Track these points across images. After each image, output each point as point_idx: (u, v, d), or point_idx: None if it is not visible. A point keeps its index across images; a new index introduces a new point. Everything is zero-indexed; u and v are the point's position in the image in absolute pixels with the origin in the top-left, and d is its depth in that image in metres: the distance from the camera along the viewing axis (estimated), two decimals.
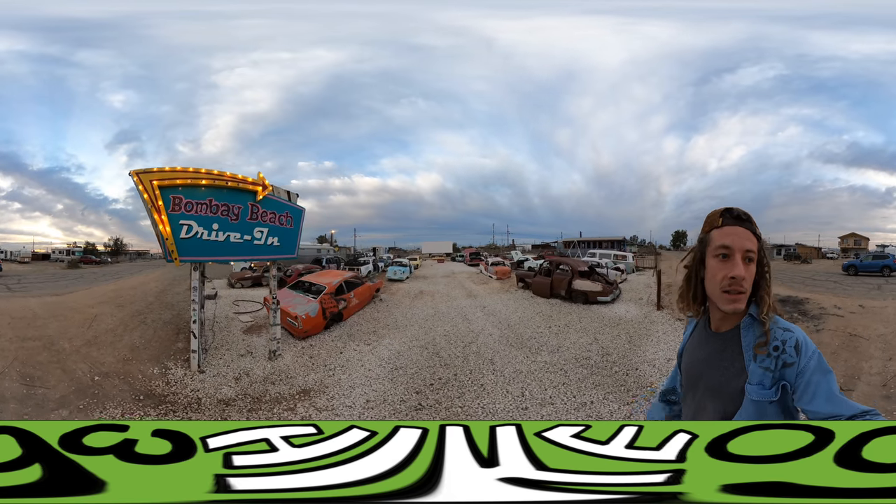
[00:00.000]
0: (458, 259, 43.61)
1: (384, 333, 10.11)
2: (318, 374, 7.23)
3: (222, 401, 5.60)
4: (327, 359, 8.13)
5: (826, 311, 9.05)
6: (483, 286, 18.90)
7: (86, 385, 5.36)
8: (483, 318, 11.87)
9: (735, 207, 1.24)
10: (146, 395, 5.42)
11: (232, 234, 6.41)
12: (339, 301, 10.82)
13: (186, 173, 5.86)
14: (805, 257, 35.34)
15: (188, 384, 6.02)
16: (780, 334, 1.13)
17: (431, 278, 23.03)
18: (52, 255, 36.79)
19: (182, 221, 5.86)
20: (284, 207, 7.53)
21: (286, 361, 7.78)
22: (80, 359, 6.05)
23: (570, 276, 13.98)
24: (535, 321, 11.35)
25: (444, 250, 53.42)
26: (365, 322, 11.29)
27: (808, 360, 1.09)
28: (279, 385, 6.49)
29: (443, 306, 13.72)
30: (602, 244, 44.40)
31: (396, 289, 18.31)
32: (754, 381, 1.13)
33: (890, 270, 18.24)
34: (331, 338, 9.62)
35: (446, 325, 10.97)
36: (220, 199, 6.25)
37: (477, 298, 15.40)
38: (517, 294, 15.94)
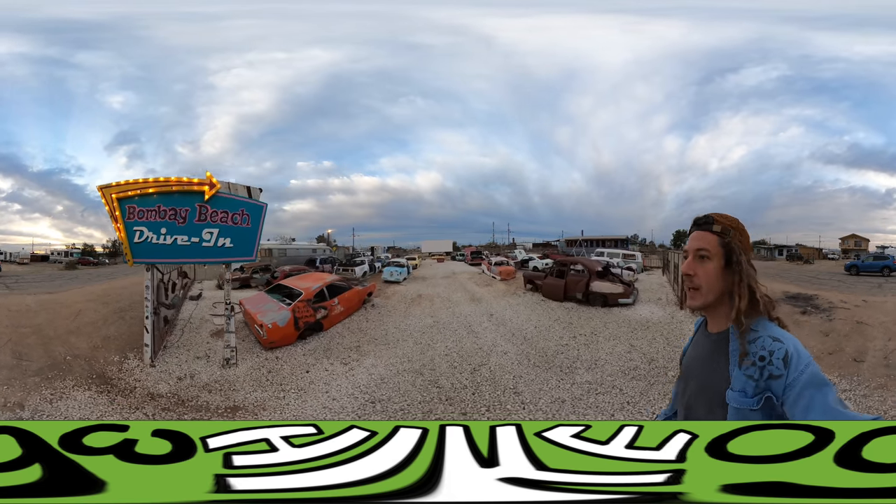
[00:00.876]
0: (458, 258, 42.11)
1: (368, 350, 8.56)
2: (265, 393, 6.24)
3: (151, 395, 5.93)
4: (288, 376, 7.00)
5: (835, 305, 10.11)
6: (487, 288, 17.45)
7: (59, 362, 6.54)
8: (492, 328, 10.34)
9: (702, 215, 1.32)
10: (99, 377, 6.26)
11: (179, 237, 6.61)
12: (318, 309, 9.63)
13: (138, 184, 6.42)
14: (807, 258, 35.34)
15: (134, 374, 6.56)
16: (768, 343, 1.10)
17: (431, 279, 21.47)
18: (51, 256, 36.82)
19: (135, 227, 6.48)
20: (239, 205, 6.98)
21: (239, 371, 7.10)
22: (59, 343, 7.32)
23: (587, 278, 13.05)
24: (555, 330, 9.94)
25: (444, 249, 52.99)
26: (349, 333, 9.85)
27: (799, 373, 1.04)
28: (214, 395, 6.16)
29: (443, 314, 12.20)
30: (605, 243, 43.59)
31: (392, 292, 16.72)
32: (736, 388, 1.11)
33: (889, 270, 19.36)
34: (302, 351, 8.36)
35: (448, 339, 9.29)
36: (168, 204, 6.51)
37: (482, 303, 13.83)
38: (526, 298, 14.56)
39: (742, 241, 1.25)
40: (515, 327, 10.46)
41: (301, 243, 39.17)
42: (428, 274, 24.84)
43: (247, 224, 7.08)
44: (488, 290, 17.10)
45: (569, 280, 13.43)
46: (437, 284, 19.33)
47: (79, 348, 7.12)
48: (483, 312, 12.35)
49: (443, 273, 25.36)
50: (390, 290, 17.08)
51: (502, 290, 16.58)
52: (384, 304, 13.95)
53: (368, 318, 11.64)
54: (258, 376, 6.96)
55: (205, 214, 6.65)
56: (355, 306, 12.00)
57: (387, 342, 9.21)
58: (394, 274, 20.15)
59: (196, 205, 6.62)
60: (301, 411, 5.73)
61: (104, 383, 6.03)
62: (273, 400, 6.09)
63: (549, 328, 10.27)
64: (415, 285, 18.84)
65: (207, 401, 5.90)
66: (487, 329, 10.34)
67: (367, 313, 12.18)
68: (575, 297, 13.12)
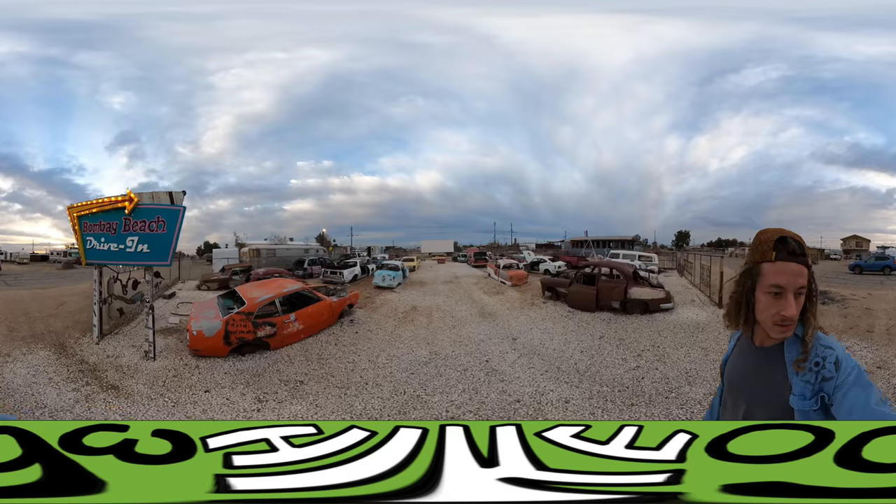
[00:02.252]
0: (460, 259, 38.56)
1: (310, 391, 6.44)
2: (151, 390, 6.32)
3: (82, 360, 7.57)
4: (186, 387, 6.58)
5: (846, 298, 12.43)
6: (498, 298, 14.99)
7: (37, 334, 8.81)
8: (523, 363, 7.58)
9: (788, 236, 1.23)
10: (59, 345, 8.19)
11: (112, 244, 8.01)
12: (262, 325, 8.31)
13: (89, 204, 8.19)
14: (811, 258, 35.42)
15: (82, 347, 8.26)
16: (821, 351, 1.19)
17: (430, 285, 18.89)
18: (51, 256, 36.91)
19: (86, 237, 8.18)
20: (156, 213, 7.83)
21: (152, 365, 7.39)
22: (41, 323, 9.70)
23: (624, 284, 11.82)
24: (609, 351, 8.15)
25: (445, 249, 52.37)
26: (300, 360, 7.82)
27: (847, 375, 1.14)
28: (119, 375, 6.96)
29: (445, 339, 9.33)
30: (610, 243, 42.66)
31: (382, 301, 14.22)
32: (797, 393, 1.20)
33: (890, 270, 21.61)
34: (227, 368, 7.40)
35: (454, 388, 6.49)
36: (105, 219, 8.05)
37: (496, 320, 11.17)
38: (548, 309, 12.43)
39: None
40: (556, 355, 7.97)
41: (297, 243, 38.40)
42: (427, 278, 22.27)
43: (163, 230, 7.84)
44: (500, 299, 14.68)
45: (601, 287, 12.00)
46: (437, 292, 16.78)
47: (54, 327, 9.31)
48: (501, 334, 9.68)
49: (444, 276, 22.86)
50: (380, 300, 14.63)
51: (517, 300, 14.29)
52: (366, 319, 11.20)
53: (339, 340, 9.28)
54: (163, 376, 7.04)
55: (128, 225, 7.90)
56: (324, 322, 9.96)
57: (347, 384, 6.69)
58: (386, 279, 17.58)
59: (122, 218, 7.90)
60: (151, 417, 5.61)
61: (60, 349, 8.04)
62: (147, 399, 6.12)
63: (601, 350, 8.32)
64: (410, 293, 16.42)
65: (112, 377, 6.89)
66: (516, 364, 7.48)
67: (340, 333, 9.79)
68: (609, 306, 11.66)
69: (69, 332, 8.92)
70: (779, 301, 1.21)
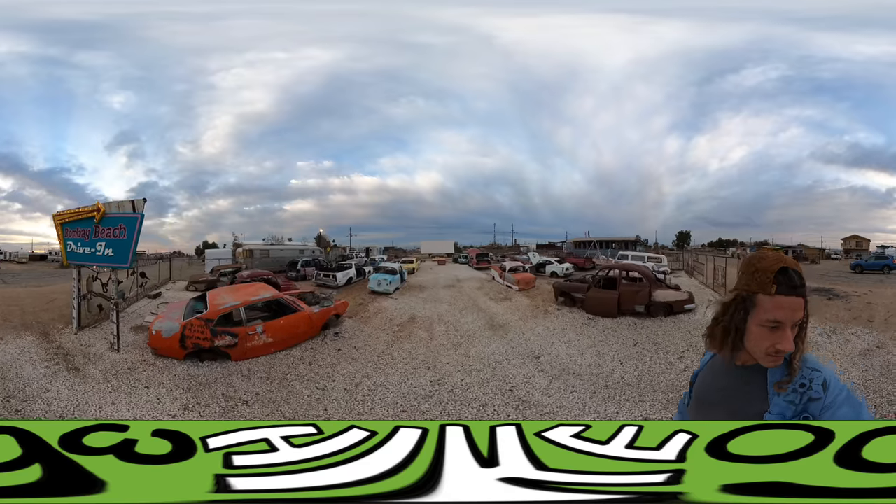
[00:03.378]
0: (461, 260, 36.66)
1: (247, 417, 6.01)
2: (100, 373, 6.99)
3: (60, 346, 8.46)
4: (125, 381, 6.78)
5: (849, 294, 13.65)
6: (506, 305, 13.71)
7: (27, 324, 9.80)
8: (561, 390, 6.38)
9: (788, 265, 1.15)
10: (44, 333, 9.18)
11: (85, 248, 9.10)
12: (222, 334, 7.82)
13: (70, 213, 9.30)
14: (812, 258, 35.51)
15: (63, 335, 9.19)
16: (807, 373, 1.16)
17: (430, 290, 17.32)
18: (49, 255, 36.96)
19: (67, 241, 9.33)
20: (118, 221, 8.83)
21: (113, 357, 7.92)
22: (31, 314, 10.74)
23: (649, 287, 11.60)
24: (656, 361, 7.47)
25: (446, 250, 52.05)
26: (257, 377, 7.15)
27: (835, 396, 1.13)
28: (84, 361, 7.75)
29: (451, 361, 7.81)
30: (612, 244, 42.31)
31: (376, 309, 12.74)
32: (775, 413, 1.16)
33: (889, 269, 22.63)
34: (175, 371, 7.27)
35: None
36: (83, 227, 9.11)
37: (509, 333, 9.76)
38: (567, 317, 11.34)
39: None
40: (594, 371, 6.97)
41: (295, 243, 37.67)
42: (427, 281, 20.56)
43: (123, 236, 8.79)
44: (509, 307, 13.27)
45: (623, 291, 11.56)
46: (438, 298, 15.29)
47: (42, 319, 10.28)
48: (520, 352, 8.19)
49: (445, 280, 21.27)
50: (373, 307, 13.05)
51: (527, 308, 13.17)
52: (355, 332, 9.73)
53: (315, 357, 7.95)
54: (119, 367, 7.49)
55: (98, 232, 8.97)
56: (300, 336, 8.85)
57: (300, 416, 5.83)
58: (382, 283, 15.86)
59: (93, 226, 8.97)
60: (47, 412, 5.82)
61: (44, 336, 9.03)
62: (95, 383, 6.72)
63: (641, 357, 7.57)
64: (408, 300, 14.88)
65: (77, 362, 7.70)
66: (551, 390, 6.27)
67: (320, 349, 8.47)
68: (632, 311, 11.23)
69: (54, 324, 9.86)
70: (774, 334, 1.14)
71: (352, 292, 15.86)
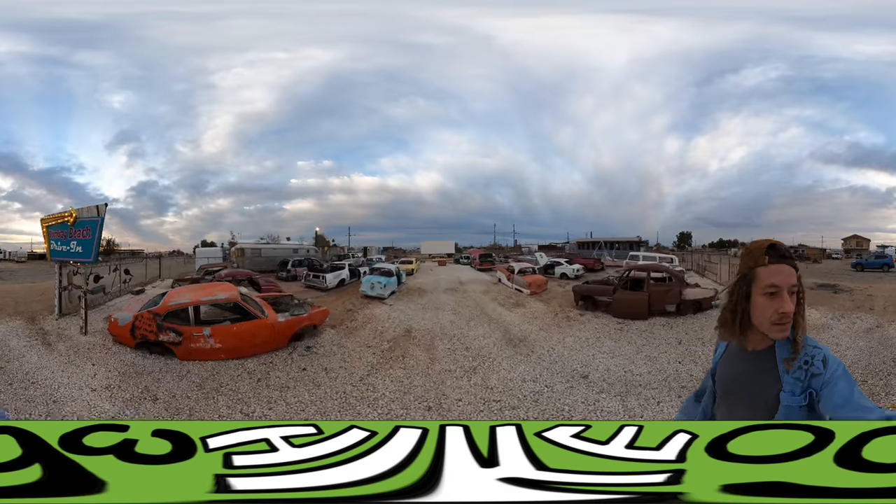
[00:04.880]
0: (463, 261, 34.86)
1: (146, 414, 5.81)
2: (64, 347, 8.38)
3: (42, 328, 9.76)
4: (76, 358, 7.65)
5: (852, 288, 15.02)
6: (520, 312, 12.26)
7: (19, 311, 10.98)
8: (645, 407, 5.63)
9: (776, 243, 1.36)
10: (32, 318, 10.41)
11: (63, 247, 10.54)
12: (167, 330, 7.86)
13: (52, 217, 10.72)
14: (815, 258, 35.81)
15: (46, 320, 10.40)
16: (809, 351, 1.31)
17: (430, 294, 15.67)
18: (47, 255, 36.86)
19: (51, 241, 10.70)
20: (85, 224, 10.38)
21: (79, 340, 9.07)
22: (23, 304, 11.91)
23: (679, 286, 11.78)
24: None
25: (446, 250, 51.42)
26: (189, 379, 6.88)
27: (833, 372, 1.26)
28: (54, 340, 9.02)
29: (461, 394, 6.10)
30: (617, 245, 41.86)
31: (365, 317, 11.10)
32: (787, 389, 1.30)
33: (888, 267, 24.32)
34: (122, 357, 7.61)
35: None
36: (62, 229, 10.55)
37: (534, 349, 8.32)
38: (594, 323, 10.58)
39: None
40: (658, 382, 6.14)
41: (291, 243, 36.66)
42: (427, 284, 18.51)
43: (89, 236, 10.38)
44: (524, 314, 11.90)
45: (653, 291, 11.59)
46: (439, 304, 13.47)
47: (32, 308, 11.56)
48: (560, 372, 6.81)
49: (447, 282, 19.35)
50: (363, 315, 11.39)
51: (545, 314, 11.79)
52: (334, 347, 8.36)
53: (267, 375, 7.04)
54: (81, 347, 8.53)
55: (71, 233, 10.44)
56: (258, 346, 8.11)
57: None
58: (375, 287, 14.24)
59: (68, 228, 10.46)
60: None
61: (31, 320, 10.29)
62: (58, 355, 7.95)
63: (695, 355, 7.17)
64: (405, 306, 13.18)
65: (51, 339, 8.96)
66: (635, 412, 5.42)
67: (280, 366, 7.47)
68: (663, 311, 11.32)
69: (41, 311, 11.35)
70: (775, 300, 1.31)
71: (342, 296, 14.78)
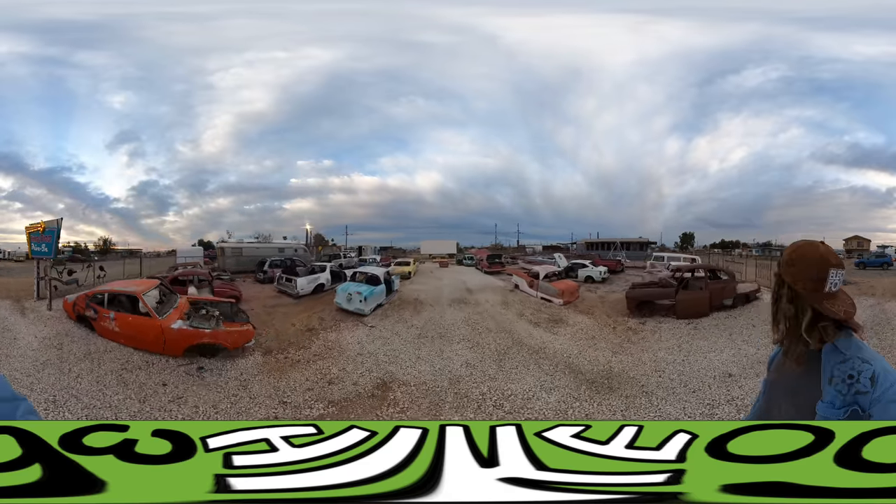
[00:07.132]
0: (466, 262, 30.48)
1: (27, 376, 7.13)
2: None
3: (23, 306, 11.90)
4: (34, 322, 10.47)
5: (858, 282, 16.98)
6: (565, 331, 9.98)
7: (10, 295, 12.97)
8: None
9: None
10: (16, 300, 12.35)
11: (38, 248, 13.28)
12: (90, 308, 9.71)
13: (32, 227, 13.43)
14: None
15: (27, 302, 12.37)
16: (857, 365, 1.21)
17: (431, 310, 11.99)
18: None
19: (32, 244, 13.42)
20: (50, 232, 13.42)
21: (44, 312, 11.45)
22: (14, 292, 13.58)
23: (734, 281, 13.37)
24: None
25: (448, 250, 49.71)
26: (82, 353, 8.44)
27: (884, 391, 1.16)
28: (29, 311, 11.53)
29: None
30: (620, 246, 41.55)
31: (325, 347, 8.81)
32: (826, 400, 1.24)
33: (888, 266, 26.80)
34: (59, 328, 10.01)
35: None
36: (36, 235, 13.38)
37: (645, 386, 6.82)
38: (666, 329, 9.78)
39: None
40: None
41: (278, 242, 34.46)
42: (425, 293, 14.53)
43: (50, 240, 13.44)
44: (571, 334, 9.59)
45: (713, 288, 12.67)
46: (444, 329, 10.10)
47: (20, 294, 13.46)
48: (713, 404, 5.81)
49: (451, 290, 15.45)
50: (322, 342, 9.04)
51: (600, 330, 9.71)
52: (231, 387, 6.94)
53: (124, 379, 7.04)
54: (39, 316, 11.01)
55: (42, 238, 13.35)
56: (147, 343, 8.27)
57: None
58: (353, 298, 10.99)
59: (40, 234, 13.34)
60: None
61: (16, 302, 12.34)
62: (21, 318, 10.78)
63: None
64: (392, 328, 9.96)
65: (26, 312, 11.30)
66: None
67: (142, 375, 7.19)
68: (721, 305, 12.46)
69: (26, 297, 13.43)
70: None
71: (314, 306, 11.95)
